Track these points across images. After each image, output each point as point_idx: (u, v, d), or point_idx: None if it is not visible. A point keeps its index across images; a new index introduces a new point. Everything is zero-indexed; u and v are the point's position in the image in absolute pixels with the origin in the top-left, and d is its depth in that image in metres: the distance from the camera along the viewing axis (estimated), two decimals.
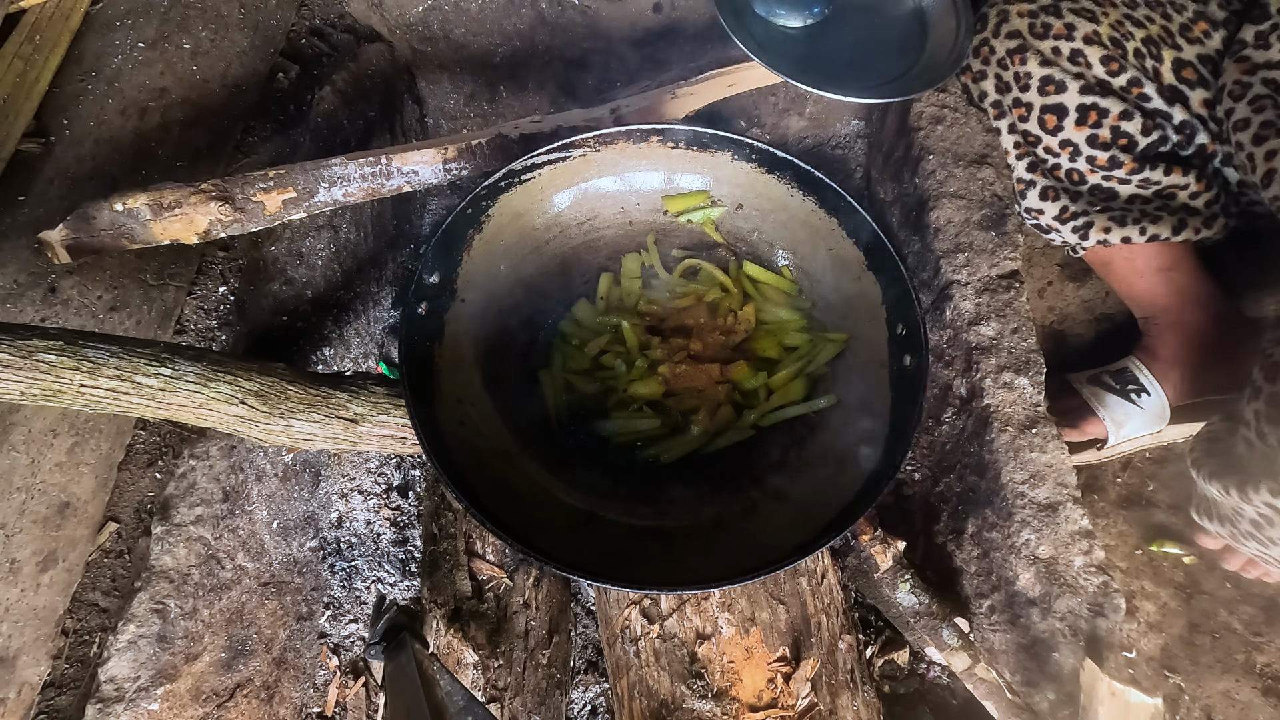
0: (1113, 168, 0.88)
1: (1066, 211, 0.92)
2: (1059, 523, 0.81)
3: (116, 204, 0.83)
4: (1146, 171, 0.88)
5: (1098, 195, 0.91)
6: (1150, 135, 0.86)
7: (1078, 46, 0.85)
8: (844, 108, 1.23)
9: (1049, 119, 0.88)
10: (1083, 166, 0.89)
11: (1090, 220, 0.91)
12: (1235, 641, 0.96)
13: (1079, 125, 0.87)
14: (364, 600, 0.98)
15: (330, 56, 1.22)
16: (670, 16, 1.20)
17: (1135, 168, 0.87)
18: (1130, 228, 0.90)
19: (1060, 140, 0.89)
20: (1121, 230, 0.90)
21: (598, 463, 0.86)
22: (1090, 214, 0.91)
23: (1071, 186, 0.92)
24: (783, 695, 0.78)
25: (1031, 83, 0.88)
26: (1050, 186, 0.92)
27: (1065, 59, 0.86)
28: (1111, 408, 1.01)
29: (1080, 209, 0.91)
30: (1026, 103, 0.90)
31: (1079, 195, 0.92)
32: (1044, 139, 0.90)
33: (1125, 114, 0.85)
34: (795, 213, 0.90)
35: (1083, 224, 0.92)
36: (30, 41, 1.12)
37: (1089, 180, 0.90)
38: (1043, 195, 0.93)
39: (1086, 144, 0.87)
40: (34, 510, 0.87)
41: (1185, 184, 0.88)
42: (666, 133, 0.89)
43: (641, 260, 0.96)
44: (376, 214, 1.10)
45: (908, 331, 0.80)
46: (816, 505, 0.76)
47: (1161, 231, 0.90)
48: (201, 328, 1.03)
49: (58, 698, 0.85)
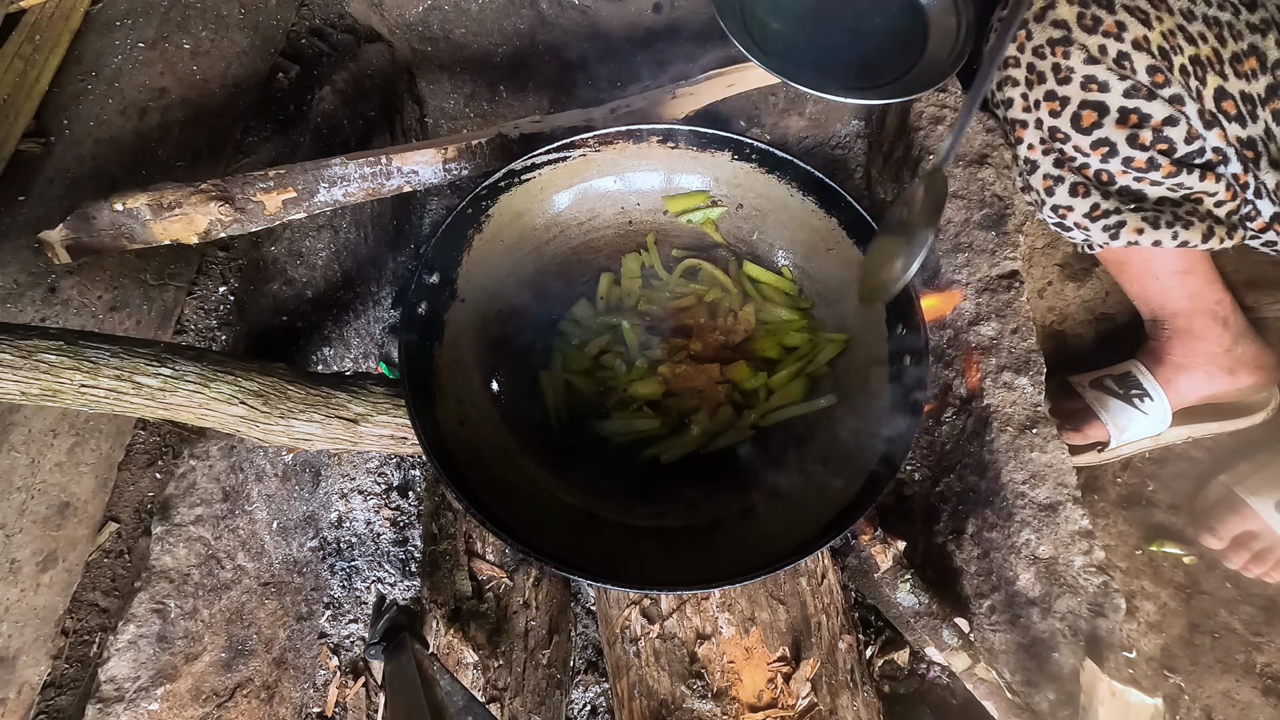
0: (1149, 169, 0.84)
1: (1098, 209, 0.88)
2: (1059, 523, 0.81)
3: (116, 204, 0.83)
4: (1182, 176, 0.85)
5: (1126, 195, 0.88)
6: (1192, 144, 0.83)
7: (1125, 49, 0.81)
8: (844, 108, 1.23)
9: (1087, 115, 0.84)
10: (1115, 168, 0.86)
11: (1123, 220, 0.88)
12: (1235, 641, 0.96)
13: (1120, 125, 0.83)
14: (364, 600, 0.98)
15: (330, 56, 1.22)
16: (670, 16, 1.20)
17: (1172, 171, 0.84)
18: (1163, 231, 0.87)
19: (1095, 139, 0.85)
20: (1154, 233, 0.87)
21: (598, 463, 0.86)
22: (1124, 212, 0.88)
23: (1100, 186, 0.89)
24: (783, 695, 0.78)
25: (1074, 77, 0.84)
26: (1080, 183, 0.88)
27: (1111, 59, 0.81)
28: (1114, 412, 1.01)
29: (1112, 207, 0.88)
30: (1063, 96, 0.85)
31: (1109, 194, 0.88)
32: (1074, 137, 0.86)
33: (1170, 119, 0.82)
34: (795, 213, 0.90)
35: (1115, 223, 0.88)
36: (30, 41, 1.11)
37: (1119, 181, 0.87)
38: (1072, 191, 0.89)
39: (1126, 144, 0.84)
40: (34, 510, 0.87)
41: (1214, 192, 0.86)
42: (666, 133, 0.89)
43: (641, 260, 0.96)
44: (376, 214, 1.10)
45: (908, 331, 0.80)
46: (816, 505, 0.76)
47: (1192, 238, 0.87)
48: (201, 328, 1.03)
49: (58, 698, 0.85)
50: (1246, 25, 0.82)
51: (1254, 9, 0.82)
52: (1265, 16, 0.82)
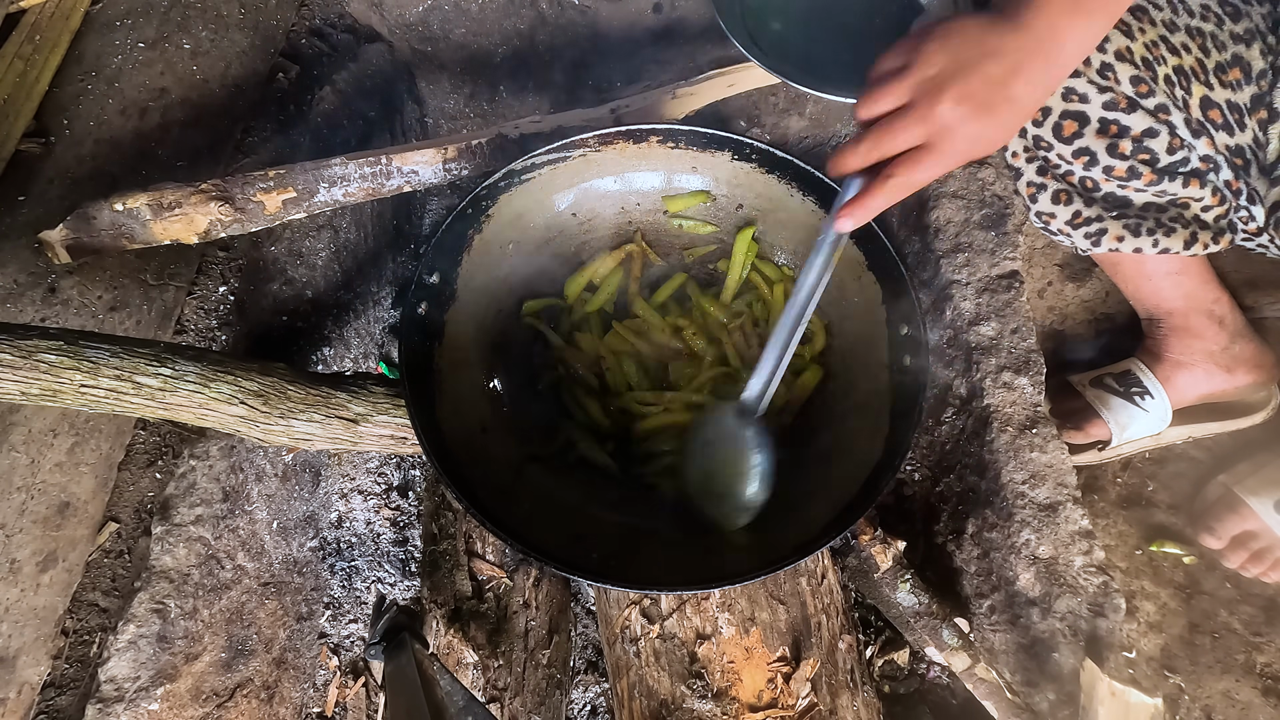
0: (1131, 178, 0.84)
1: (1079, 216, 0.88)
2: (1059, 523, 0.81)
3: (116, 204, 0.83)
4: (1164, 183, 0.84)
5: (1111, 201, 0.88)
6: (1175, 154, 0.83)
7: (1109, 60, 0.80)
8: (844, 108, 1.23)
9: (1068, 125, 0.83)
10: (1097, 175, 0.86)
11: (1104, 227, 0.88)
12: (1235, 641, 0.96)
13: (1100, 135, 0.83)
14: (364, 600, 0.98)
15: (330, 56, 1.22)
16: (670, 16, 1.20)
17: (1154, 179, 0.84)
18: (1144, 239, 0.87)
19: (1076, 149, 0.84)
20: (1135, 240, 0.87)
21: (598, 464, 0.86)
22: (1105, 220, 0.88)
23: (1085, 192, 0.90)
24: (783, 695, 0.78)
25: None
26: (1062, 190, 0.88)
27: (1094, 70, 0.81)
28: (1115, 410, 1.01)
29: (1094, 214, 0.88)
30: (1045, 107, 0.84)
31: (1092, 200, 0.88)
32: (1056, 146, 0.85)
33: (1149, 131, 0.81)
34: (795, 213, 0.90)
35: (1096, 230, 0.88)
36: (30, 41, 1.12)
37: (1103, 188, 0.87)
38: (1054, 199, 0.89)
39: (1106, 153, 0.83)
40: (34, 510, 0.87)
41: (1200, 197, 0.86)
42: (666, 133, 0.89)
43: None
44: (376, 214, 1.10)
45: (908, 331, 0.80)
46: (817, 505, 0.76)
47: (1173, 245, 0.86)
48: (201, 328, 1.03)
49: (58, 698, 0.85)
50: (1230, 35, 0.82)
51: (1237, 19, 0.82)
52: (1249, 27, 0.82)
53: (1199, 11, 0.82)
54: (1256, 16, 0.83)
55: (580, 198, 0.92)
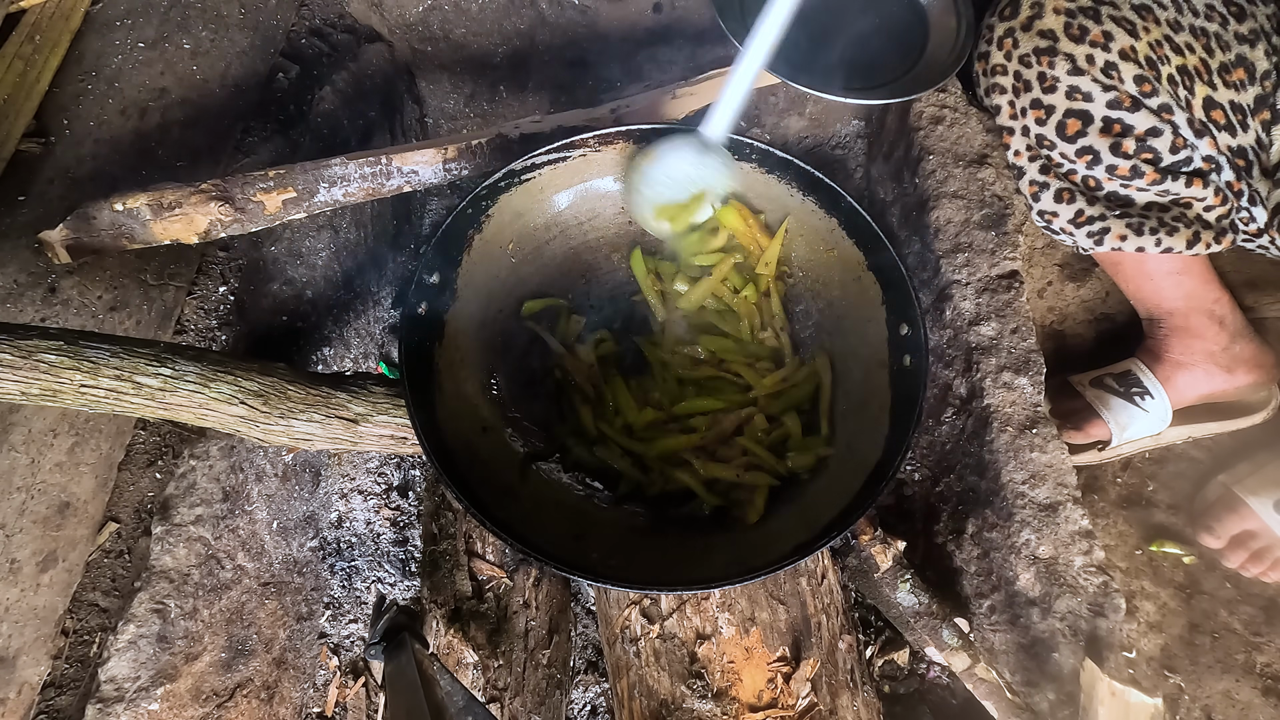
0: (1134, 177, 0.85)
1: (1082, 215, 0.89)
2: (1059, 523, 0.81)
3: (116, 204, 0.83)
4: (1167, 183, 0.84)
5: (1114, 200, 0.89)
6: (1178, 154, 0.83)
7: (1113, 59, 0.81)
8: (844, 108, 1.23)
9: (1072, 124, 0.84)
10: (1100, 174, 0.86)
11: (1107, 226, 0.88)
12: (1235, 641, 0.96)
13: (1103, 134, 0.83)
14: (364, 600, 0.98)
15: (330, 56, 1.22)
16: (670, 16, 1.20)
17: (1157, 179, 0.84)
18: (1146, 238, 0.87)
19: (1080, 147, 0.85)
20: (1137, 239, 0.88)
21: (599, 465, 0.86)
22: (1107, 219, 0.89)
23: (1088, 191, 0.90)
24: (783, 695, 0.78)
25: (1059, 86, 0.84)
26: (1065, 189, 0.89)
27: (1098, 69, 0.81)
28: (1115, 410, 1.01)
29: (1096, 213, 0.89)
30: (1048, 105, 0.85)
31: (1095, 199, 0.89)
32: (1059, 144, 0.86)
33: (1153, 130, 0.82)
34: (795, 213, 0.89)
35: (1099, 229, 0.89)
36: (30, 41, 1.12)
37: (1105, 187, 0.87)
38: (1057, 198, 0.90)
39: (1109, 152, 0.84)
40: (34, 510, 0.87)
41: (1203, 197, 0.86)
42: (667, 133, 0.89)
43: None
44: (376, 214, 1.10)
45: (908, 331, 0.80)
46: (816, 505, 0.76)
47: (1176, 245, 0.87)
48: (201, 328, 1.03)
49: (58, 698, 0.85)
50: (1235, 36, 0.82)
51: (1242, 20, 0.82)
52: (1254, 27, 0.82)
53: (1204, 11, 0.82)
54: (1261, 17, 0.82)
55: (580, 198, 0.92)
